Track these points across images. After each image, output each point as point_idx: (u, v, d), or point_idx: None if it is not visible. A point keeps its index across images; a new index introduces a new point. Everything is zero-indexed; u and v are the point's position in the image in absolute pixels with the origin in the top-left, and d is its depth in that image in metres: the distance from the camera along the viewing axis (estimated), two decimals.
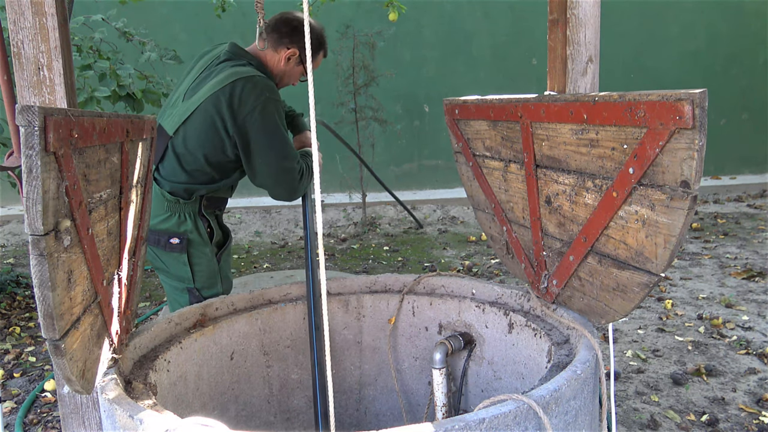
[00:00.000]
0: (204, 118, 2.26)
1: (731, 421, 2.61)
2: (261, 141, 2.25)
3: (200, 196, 2.36)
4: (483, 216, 1.98)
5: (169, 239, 2.31)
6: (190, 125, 2.28)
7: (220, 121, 2.24)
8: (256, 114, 2.23)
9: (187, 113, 2.29)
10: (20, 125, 1.00)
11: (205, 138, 2.26)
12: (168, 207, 2.31)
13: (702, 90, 1.10)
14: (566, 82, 1.69)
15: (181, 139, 2.29)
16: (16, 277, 4.67)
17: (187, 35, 6.89)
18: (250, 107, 2.23)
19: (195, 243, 2.35)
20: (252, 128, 2.23)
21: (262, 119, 2.24)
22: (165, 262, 2.36)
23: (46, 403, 3.03)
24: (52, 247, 1.07)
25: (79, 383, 1.20)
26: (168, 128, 2.33)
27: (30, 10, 1.44)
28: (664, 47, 7.56)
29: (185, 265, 2.34)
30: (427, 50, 7.28)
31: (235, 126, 2.23)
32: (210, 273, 2.40)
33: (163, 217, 2.31)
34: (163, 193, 2.30)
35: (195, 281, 2.37)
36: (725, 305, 3.89)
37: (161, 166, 2.33)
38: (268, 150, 2.26)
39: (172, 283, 2.41)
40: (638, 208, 1.28)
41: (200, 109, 2.27)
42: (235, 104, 2.23)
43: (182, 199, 2.31)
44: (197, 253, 2.36)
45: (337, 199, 6.86)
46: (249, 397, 1.96)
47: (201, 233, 2.36)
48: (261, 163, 2.28)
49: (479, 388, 1.97)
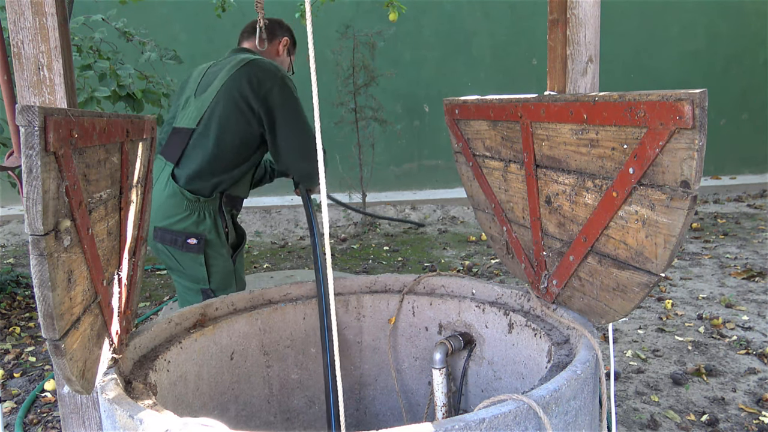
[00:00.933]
0: (226, 101, 2.31)
1: (731, 421, 2.61)
2: (285, 114, 2.32)
3: (220, 192, 2.38)
4: (483, 216, 1.98)
5: (187, 239, 2.32)
6: (214, 112, 2.33)
7: (242, 100, 2.30)
8: (276, 89, 2.31)
9: (206, 103, 2.36)
10: (20, 125, 1.00)
11: (230, 119, 2.32)
12: (187, 206, 2.32)
13: (702, 90, 1.10)
14: (566, 82, 1.69)
15: (204, 128, 2.33)
16: (16, 277, 4.67)
17: (187, 35, 6.90)
18: (270, 83, 2.31)
19: (212, 243, 2.36)
20: (275, 102, 2.30)
21: (283, 93, 2.32)
22: (181, 263, 2.36)
23: (46, 403, 3.03)
24: (52, 247, 1.07)
25: (79, 383, 1.20)
26: (188, 123, 2.39)
27: (30, 10, 1.44)
28: (664, 47, 7.56)
29: (201, 266, 2.35)
30: (427, 50, 7.28)
31: (258, 101, 2.29)
32: (225, 274, 2.41)
33: (181, 216, 2.31)
34: (182, 192, 2.31)
35: (210, 282, 2.38)
36: (725, 305, 3.89)
37: (182, 165, 2.35)
38: (293, 123, 2.33)
39: (186, 284, 2.41)
40: (638, 208, 1.28)
41: (220, 95, 2.33)
42: (254, 82, 2.30)
43: (203, 196, 2.33)
44: (214, 254, 2.37)
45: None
46: (249, 397, 1.96)
47: (219, 233, 2.37)
48: (287, 136, 2.33)
49: (479, 388, 1.97)
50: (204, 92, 2.40)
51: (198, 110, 2.37)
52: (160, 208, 2.33)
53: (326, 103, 6.30)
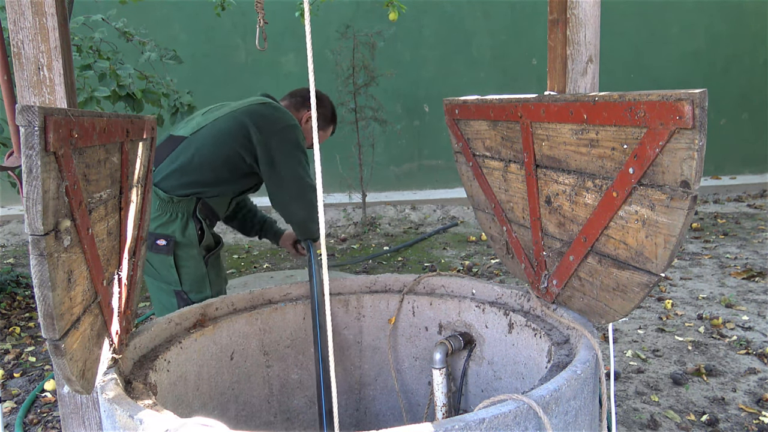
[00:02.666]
0: (229, 124, 2.34)
1: (731, 421, 2.61)
2: (286, 156, 2.33)
3: (197, 198, 2.37)
4: (483, 216, 1.98)
5: (156, 240, 2.31)
6: (214, 128, 2.36)
7: (243, 130, 2.32)
8: (283, 133, 2.33)
9: (210, 119, 2.40)
10: (20, 125, 1.00)
11: (226, 139, 2.33)
12: (159, 206, 2.32)
13: (702, 90, 1.09)
14: (566, 82, 1.69)
15: (200, 138, 2.35)
16: (16, 277, 4.67)
17: (187, 35, 6.90)
18: (279, 126, 2.33)
19: (182, 245, 2.34)
20: (278, 143, 2.31)
21: (288, 136, 2.33)
22: (152, 263, 2.36)
23: (46, 403, 3.02)
24: (52, 247, 1.06)
25: (79, 383, 1.20)
26: (185, 132, 2.42)
27: (30, 10, 1.44)
28: (664, 47, 7.56)
29: (172, 267, 2.34)
30: (427, 50, 7.28)
31: (260, 135, 2.31)
32: (198, 276, 2.40)
33: (152, 216, 2.31)
34: (156, 192, 2.30)
35: (182, 284, 2.37)
36: (725, 305, 3.89)
37: (163, 165, 2.35)
38: (291, 166, 2.34)
39: (159, 285, 2.41)
40: (638, 208, 1.28)
41: (225, 117, 2.37)
42: (262, 121, 2.33)
43: (177, 196, 2.32)
44: (184, 255, 2.36)
45: (337, 199, 6.85)
46: (249, 397, 1.96)
47: (188, 235, 2.35)
48: (283, 175, 2.33)
49: (479, 388, 1.97)
50: (214, 112, 2.45)
51: (198, 124, 2.41)
52: None
53: None
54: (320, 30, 5.74)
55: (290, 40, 6.63)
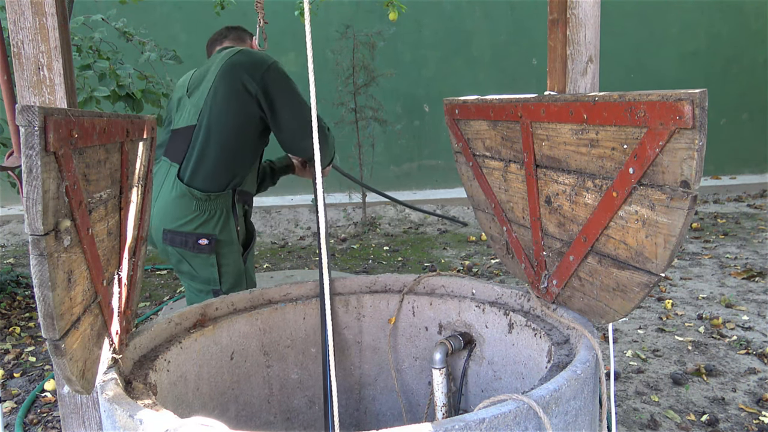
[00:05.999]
0: (224, 88, 2.30)
1: (731, 421, 2.61)
2: (283, 94, 2.31)
3: (232, 188, 2.36)
4: (483, 216, 1.98)
5: (198, 240, 2.29)
6: (212, 103, 2.31)
7: (240, 85, 2.29)
8: (271, 72, 2.31)
9: (203, 97, 2.34)
10: (20, 125, 1.00)
11: (230, 104, 2.30)
12: (197, 206, 2.29)
13: (702, 90, 1.09)
14: (566, 82, 1.69)
15: (206, 121, 2.31)
16: (16, 277, 4.67)
17: (187, 35, 6.90)
18: (265, 66, 2.31)
19: (223, 243, 2.33)
20: (272, 83, 2.30)
21: (279, 75, 2.32)
22: (192, 265, 2.34)
23: (46, 403, 3.03)
24: (52, 247, 1.06)
25: (79, 383, 1.20)
26: (188, 121, 2.37)
27: (30, 10, 1.44)
28: (664, 47, 7.56)
29: (213, 267, 2.33)
30: (427, 50, 7.28)
31: (255, 83, 2.29)
32: (237, 274, 2.39)
33: (191, 217, 2.29)
34: (191, 191, 2.28)
35: (222, 283, 2.35)
36: (725, 305, 3.89)
37: (186, 165, 2.33)
38: (291, 101, 2.32)
39: (197, 286, 2.39)
40: (638, 208, 1.28)
41: (216, 84, 2.32)
42: (249, 66, 2.30)
43: (214, 192, 2.31)
44: (225, 253, 2.35)
45: (337, 199, 6.86)
46: (249, 397, 1.96)
47: (230, 231, 2.35)
48: (287, 116, 2.31)
49: (479, 388, 1.97)
50: (197, 89, 2.37)
51: (195, 106, 2.34)
52: (169, 210, 2.30)
53: (326, 103, 6.30)
54: (320, 30, 5.75)
55: (290, 40, 6.63)
